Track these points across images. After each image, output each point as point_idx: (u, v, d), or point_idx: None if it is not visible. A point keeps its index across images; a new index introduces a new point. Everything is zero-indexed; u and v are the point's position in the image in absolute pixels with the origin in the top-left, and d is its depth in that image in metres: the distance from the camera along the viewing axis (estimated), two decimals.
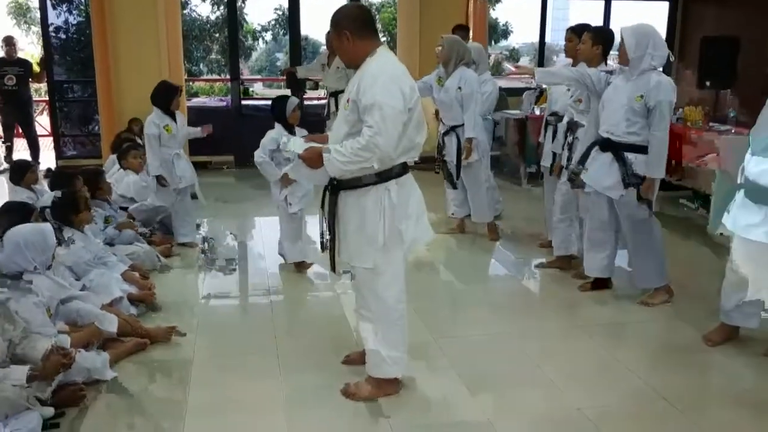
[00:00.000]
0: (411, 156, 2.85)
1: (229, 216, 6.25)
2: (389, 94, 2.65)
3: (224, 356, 3.41)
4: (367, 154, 2.65)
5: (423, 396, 3.03)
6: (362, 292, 2.96)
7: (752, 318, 3.48)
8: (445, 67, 5.14)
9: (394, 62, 2.83)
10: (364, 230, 2.83)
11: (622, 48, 3.85)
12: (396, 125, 2.65)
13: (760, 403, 3.02)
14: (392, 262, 2.86)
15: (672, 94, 3.79)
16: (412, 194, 2.89)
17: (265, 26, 16.66)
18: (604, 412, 2.89)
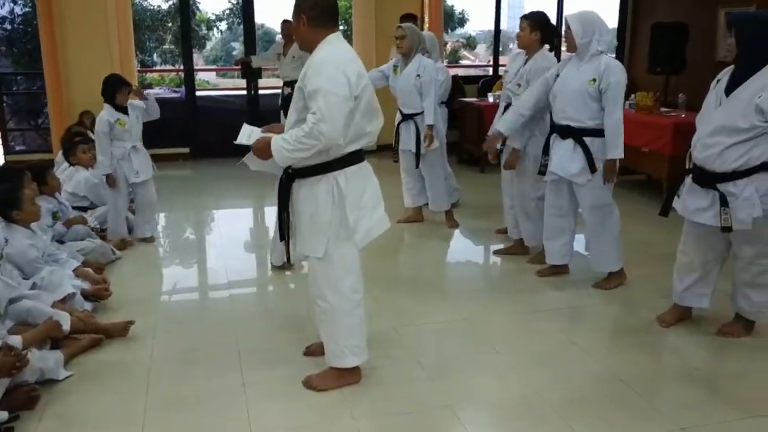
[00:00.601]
0: (362, 144, 2.83)
1: (187, 209, 6.16)
2: (333, 81, 2.63)
3: (184, 351, 3.36)
4: (311, 141, 2.63)
5: (384, 384, 3.03)
6: (317, 282, 2.94)
7: (703, 298, 3.58)
8: (406, 56, 5.14)
9: (343, 49, 2.80)
10: (315, 220, 2.82)
11: (569, 35, 3.91)
12: (341, 112, 2.63)
13: (712, 380, 3.12)
14: (346, 253, 2.85)
15: (622, 75, 3.85)
16: (368, 184, 2.88)
17: (219, 15, 16.39)
18: (564, 396, 2.94)
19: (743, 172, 3.12)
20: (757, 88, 3.03)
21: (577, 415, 2.79)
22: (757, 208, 3.12)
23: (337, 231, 2.80)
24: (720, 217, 3.18)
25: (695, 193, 3.32)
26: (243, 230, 5.69)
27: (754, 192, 3.12)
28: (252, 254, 5.10)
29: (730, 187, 3.15)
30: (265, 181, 6.59)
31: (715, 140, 3.14)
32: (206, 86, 15.57)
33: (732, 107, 3.10)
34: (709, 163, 3.19)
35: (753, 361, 3.29)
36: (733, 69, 3.19)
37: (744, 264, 3.37)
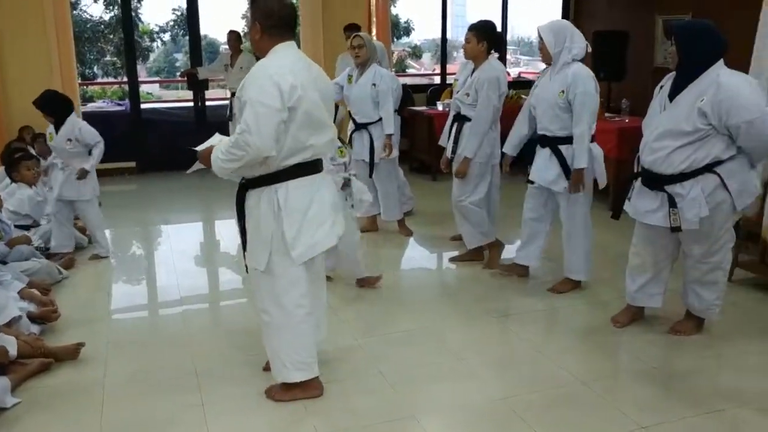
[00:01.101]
0: (305, 158, 2.75)
1: (135, 224, 6.00)
2: (263, 92, 2.57)
3: (138, 372, 3.25)
4: (239, 152, 2.59)
5: (347, 396, 3.00)
6: (260, 295, 2.90)
7: (655, 298, 3.67)
8: (362, 65, 5.15)
9: (287, 59, 2.71)
10: (257, 232, 2.79)
11: (542, 46, 3.98)
12: (269, 124, 2.56)
13: (669, 378, 3.18)
14: (289, 266, 2.78)
15: (589, 83, 3.90)
16: (315, 198, 2.80)
17: (163, 27, 16.12)
18: (527, 401, 2.95)
19: (689, 174, 3.21)
20: (699, 92, 3.13)
21: (541, 419, 2.81)
22: (704, 208, 3.22)
23: (278, 244, 2.75)
24: (669, 218, 3.27)
25: (645, 196, 3.41)
26: (194, 245, 5.56)
27: (701, 192, 3.21)
28: (204, 269, 4.99)
29: (678, 189, 3.24)
30: (214, 193, 6.53)
31: (662, 144, 3.24)
32: (150, 98, 15.28)
33: (676, 112, 3.20)
34: (656, 166, 3.28)
35: (704, 357, 3.38)
36: (674, 75, 3.30)
37: (693, 263, 3.46)
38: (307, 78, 2.71)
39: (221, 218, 6.25)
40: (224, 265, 5.01)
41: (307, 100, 2.68)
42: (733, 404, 2.92)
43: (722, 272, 3.48)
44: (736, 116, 3.05)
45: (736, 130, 3.09)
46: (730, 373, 3.29)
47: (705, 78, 3.14)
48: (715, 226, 3.28)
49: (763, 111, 3.09)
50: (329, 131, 2.85)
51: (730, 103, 3.05)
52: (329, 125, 2.85)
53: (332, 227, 2.88)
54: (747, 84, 3.16)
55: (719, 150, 3.16)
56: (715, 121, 3.09)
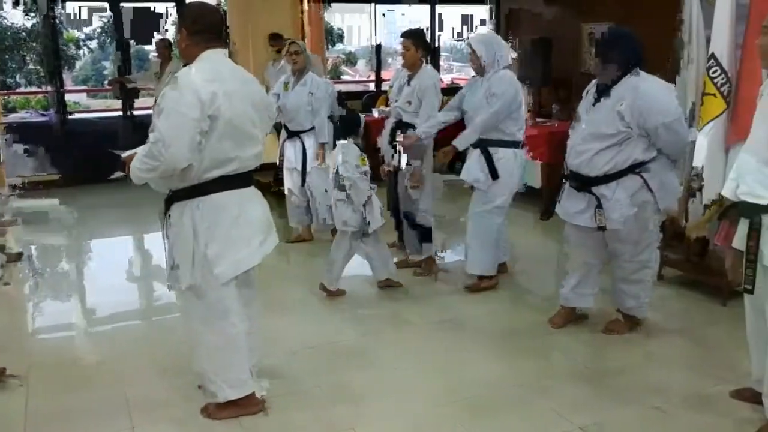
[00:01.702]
0: (228, 170, 2.64)
1: (59, 240, 5.76)
2: (180, 100, 2.48)
3: (65, 398, 3.09)
4: (152, 162, 2.50)
5: (285, 412, 2.94)
6: (187, 314, 2.82)
7: (587, 298, 3.76)
8: (299, 73, 5.12)
9: (211, 67, 2.61)
10: (179, 248, 2.70)
11: (473, 58, 4.10)
12: (184, 134, 2.46)
13: (604, 377, 3.25)
14: (215, 284, 2.69)
15: (504, 86, 4.05)
16: (241, 214, 2.71)
17: (89, 34, 15.61)
18: (465, 407, 2.97)
19: (613, 175, 3.33)
20: (618, 97, 3.26)
21: (480, 424, 2.83)
22: (628, 209, 3.33)
23: (202, 261, 2.66)
24: (595, 218, 3.37)
25: (573, 197, 3.51)
26: (123, 259, 5.37)
27: (625, 193, 3.33)
28: (133, 284, 4.84)
29: (603, 190, 3.35)
30: (143, 206, 6.28)
31: (587, 147, 3.34)
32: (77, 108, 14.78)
33: (598, 116, 3.33)
34: (582, 168, 3.38)
35: (636, 355, 3.49)
36: (597, 81, 3.41)
37: (621, 262, 3.56)
38: (232, 87, 2.62)
39: (151, 231, 6.06)
40: (154, 279, 4.85)
41: (230, 110, 2.57)
42: (664, 399, 3.01)
43: (649, 271, 3.60)
44: (653, 119, 3.19)
45: (654, 132, 3.23)
46: (660, 369, 3.39)
47: (624, 83, 3.27)
48: (639, 226, 3.40)
49: (679, 114, 3.27)
50: (257, 144, 2.75)
51: (647, 106, 3.19)
52: (257, 137, 2.75)
53: (260, 246, 2.78)
54: (663, 89, 3.31)
55: (640, 152, 3.29)
56: (634, 124, 3.22)
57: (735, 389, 3.03)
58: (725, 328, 3.74)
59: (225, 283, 2.70)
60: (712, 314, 3.98)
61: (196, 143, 2.51)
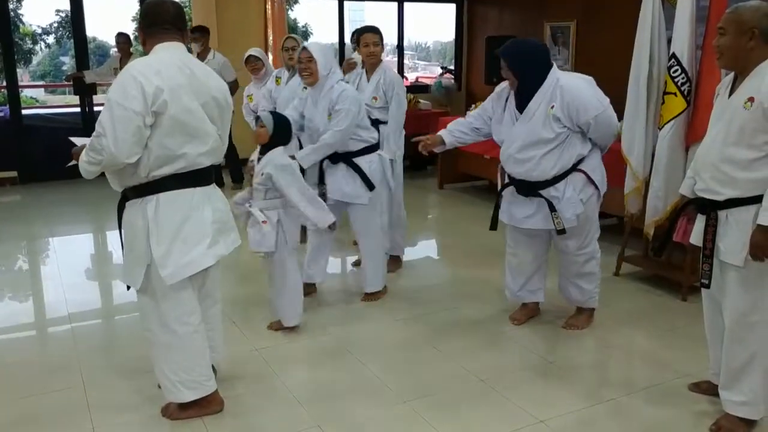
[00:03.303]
0: (177, 168, 2.56)
1: (16, 238, 5.62)
2: (123, 93, 2.41)
3: (24, 399, 3.01)
4: (96, 155, 2.45)
5: (250, 411, 2.91)
6: (142, 314, 2.76)
7: (538, 293, 3.83)
8: (294, 68, 5.03)
9: (158, 59, 2.54)
10: (131, 247, 2.64)
11: (312, 66, 3.77)
12: (126, 127, 2.39)
13: (563, 370, 3.29)
14: (164, 285, 2.61)
15: (348, 101, 3.78)
16: (192, 215, 2.62)
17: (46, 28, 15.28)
18: (431, 402, 2.98)
19: (560, 176, 3.38)
20: (547, 100, 3.30)
21: (443, 419, 2.84)
22: (579, 205, 3.39)
23: (153, 261, 2.60)
24: (553, 221, 3.40)
25: (519, 203, 3.53)
26: (82, 258, 5.27)
27: (573, 191, 3.39)
28: (94, 283, 4.74)
29: (553, 192, 3.40)
30: (103, 203, 6.18)
31: (528, 154, 3.36)
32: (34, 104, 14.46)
33: (531, 122, 3.35)
34: (529, 175, 3.40)
35: (596, 349, 3.56)
36: (515, 89, 3.40)
37: (569, 257, 3.62)
38: (180, 81, 2.52)
39: (111, 229, 5.94)
40: (115, 278, 4.77)
41: (176, 105, 2.49)
42: (623, 393, 3.07)
43: (596, 261, 3.67)
44: (584, 114, 3.27)
45: (587, 126, 3.31)
46: (620, 363, 3.46)
47: (547, 85, 3.31)
48: (587, 219, 3.48)
49: (605, 105, 3.35)
50: (208, 140, 2.64)
51: (576, 103, 3.26)
52: (210, 133, 2.65)
53: (210, 247, 2.69)
54: (585, 83, 3.38)
55: (580, 147, 3.37)
56: (569, 123, 3.29)
57: (693, 382, 3.10)
58: (685, 322, 3.83)
59: (176, 284, 2.63)
60: (672, 309, 4.06)
61: (140, 137, 2.45)
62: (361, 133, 3.96)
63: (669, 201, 4.10)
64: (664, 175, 4.07)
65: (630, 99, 4.26)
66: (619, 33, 5.46)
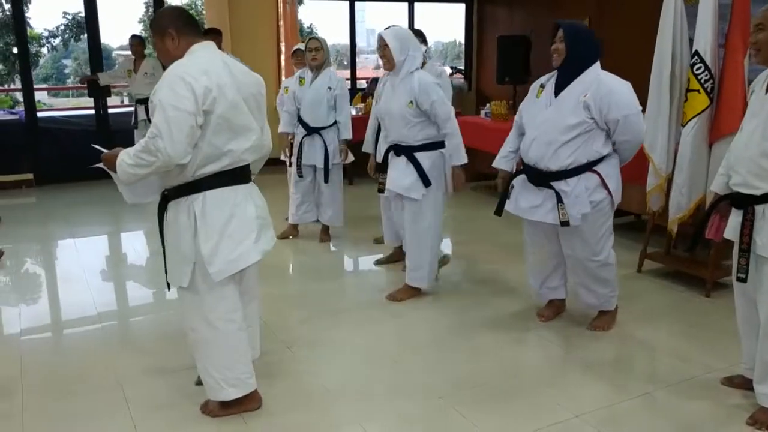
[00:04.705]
0: (223, 165, 2.60)
1: (36, 240, 5.65)
2: (173, 94, 2.43)
3: (62, 399, 3.04)
4: (149, 157, 2.45)
5: (288, 407, 2.94)
6: (186, 312, 2.78)
7: (559, 290, 3.84)
8: (318, 69, 5.12)
9: (201, 59, 2.57)
10: (177, 246, 2.66)
11: (387, 52, 3.90)
12: (181, 128, 2.42)
13: (595, 365, 3.31)
14: (211, 282, 2.64)
15: (436, 89, 3.88)
16: (236, 212, 2.65)
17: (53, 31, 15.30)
18: (467, 397, 3.01)
19: (573, 171, 3.36)
20: (582, 88, 3.30)
21: (480, 414, 2.87)
22: (586, 205, 3.37)
23: (199, 259, 2.63)
24: (558, 213, 3.39)
25: (528, 192, 3.52)
26: (104, 258, 5.31)
27: (584, 190, 3.36)
28: (120, 282, 4.76)
29: (563, 185, 3.38)
30: (117, 205, 6.16)
31: (551, 138, 3.35)
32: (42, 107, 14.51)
33: (562, 106, 3.35)
34: (544, 162, 3.39)
35: (625, 346, 3.57)
36: (556, 73, 3.44)
37: (580, 264, 3.58)
38: (225, 79, 2.56)
39: (130, 230, 6.02)
40: (139, 278, 4.81)
41: (223, 103, 2.53)
42: (655, 388, 3.09)
43: (611, 267, 3.59)
44: (615, 111, 3.26)
45: (614, 124, 3.29)
46: (649, 359, 3.48)
47: (587, 75, 3.32)
48: (597, 224, 3.44)
49: (638, 109, 3.34)
50: (251, 136, 2.70)
51: (610, 98, 3.26)
52: (252, 129, 2.70)
53: (256, 243, 2.73)
54: (623, 84, 3.38)
55: (599, 146, 3.35)
56: (597, 115, 3.27)
57: (726, 377, 3.13)
58: (711, 318, 3.86)
59: (221, 281, 2.66)
60: (696, 306, 4.09)
61: (193, 137, 2.49)
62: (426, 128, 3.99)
63: (693, 198, 4.14)
64: (688, 172, 4.10)
65: (652, 96, 4.29)
66: (634, 30, 5.49)
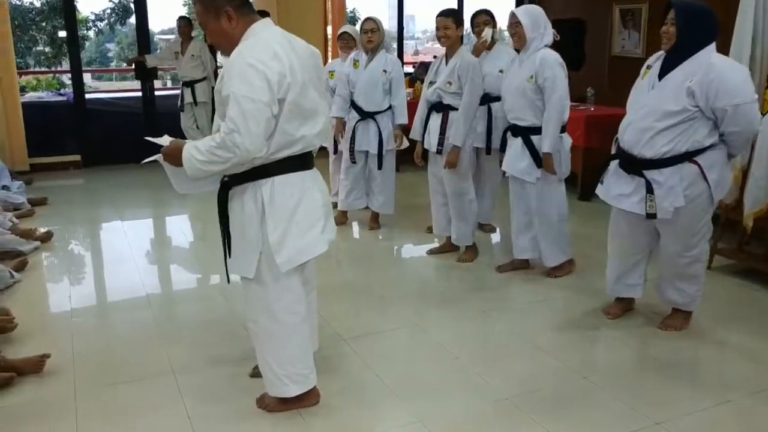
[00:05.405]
0: (294, 151, 2.45)
1: (86, 222, 5.62)
2: (247, 84, 2.25)
3: (113, 381, 2.97)
4: (225, 153, 2.28)
5: (347, 403, 2.80)
6: (249, 303, 2.62)
7: (635, 288, 3.60)
8: (373, 51, 4.97)
9: (268, 41, 2.36)
10: (243, 235, 2.50)
11: (519, 30, 3.87)
12: (258, 121, 2.26)
13: (669, 369, 3.10)
14: (278, 272, 2.49)
15: (558, 68, 3.85)
16: (304, 198, 2.50)
17: (99, 15, 15.43)
18: (532, 399, 2.83)
19: (669, 160, 3.12)
20: (689, 72, 3.05)
21: (552, 418, 2.69)
22: (680, 198, 3.12)
23: (266, 248, 2.47)
24: (645, 204, 3.18)
25: (619, 179, 3.32)
26: (153, 241, 5.26)
27: (679, 182, 3.12)
28: (170, 265, 4.69)
29: (656, 175, 3.15)
30: (163, 188, 6.08)
31: (647, 124, 3.13)
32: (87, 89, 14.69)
33: (664, 91, 3.11)
34: (638, 148, 3.17)
35: (699, 347, 3.34)
36: (664, 55, 3.20)
37: (671, 257, 3.36)
38: (293, 61, 2.37)
39: (177, 213, 5.93)
40: (189, 261, 4.75)
41: (295, 88, 2.36)
42: (741, 394, 2.87)
43: (701, 264, 3.40)
44: (724, 99, 2.98)
45: (722, 113, 3.01)
46: (727, 362, 3.26)
47: (696, 59, 3.05)
48: (694, 218, 3.20)
49: (752, 98, 3.03)
50: (321, 119, 2.54)
51: (719, 85, 2.97)
52: (320, 112, 2.54)
53: (323, 232, 2.59)
54: (738, 69, 3.11)
55: (702, 136, 3.07)
56: (702, 103, 3.01)
57: None
58: None
59: (287, 271, 2.52)
60: None
61: (269, 129, 2.32)
62: None
63: None
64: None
65: None
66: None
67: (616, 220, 3.50)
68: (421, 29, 26.29)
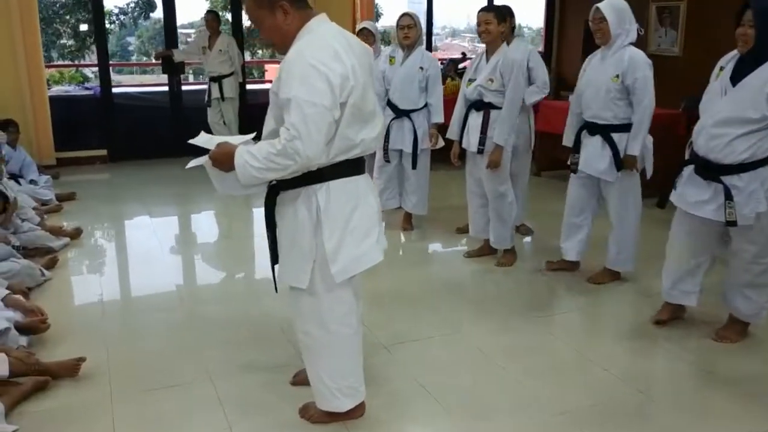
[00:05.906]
0: (352, 155, 2.31)
1: (114, 217, 5.55)
2: (310, 88, 2.10)
3: (150, 387, 2.87)
4: (285, 161, 2.13)
5: (395, 417, 2.67)
6: (300, 314, 2.48)
7: (690, 296, 3.44)
8: (410, 47, 4.84)
9: (325, 39, 2.21)
10: (296, 243, 2.35)
11: (601, 26, 3.73)
12: (320, 127, 2.12)
13: (729, 384, 2.94)
14: (332, 282, 2.35)
15: (648, 69, 3.71)
16: (359, 204, 2.36)
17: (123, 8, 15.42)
18: (588, 414, 2.70)
19: (749, 165, 2.99)
20: (767, 78, 2.89)
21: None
22: (762, 204, 3.00)
23: (320, 257, 2.33)
24: (725, 211, 3.03)
25: (695, 185, 3.17)
26: (183, 238, 5.17)
27: (760, 186, 2.99)
28: (202, 264, 4.60)
29: (735, 180, 3.01)
30: (190, 185, 6.07)
31: (723, 131, 3.00)
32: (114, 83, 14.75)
33: (741, 97, 2.97)
34: (714, 154, 3.04)
35: (757, 360, 3.18)
36: (738, 57, 3.06)
37: (744, 264, 3.22)
38: (353, 61, 2.22)
39: (203, 210, 5.87)
40: (217, 259, 4.65)
41: (357, 91, 2.21)
42: None
43: None
44: None
45: None
46: None
47: None
48: None
49: None
50: (378, 122, 2.40)
51: None
52: (377, 114, 2.40)
53: (378, 241, 2.44)
54: None
55: None
56: None
57: None
58: None
59: (342, 281, 2.38)
60: None
61: (329, 134, 2.18)
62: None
63: None
64: None
65: None
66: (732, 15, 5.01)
67: (680, 221, 3.35)
68: (440, 25, 26.12)
